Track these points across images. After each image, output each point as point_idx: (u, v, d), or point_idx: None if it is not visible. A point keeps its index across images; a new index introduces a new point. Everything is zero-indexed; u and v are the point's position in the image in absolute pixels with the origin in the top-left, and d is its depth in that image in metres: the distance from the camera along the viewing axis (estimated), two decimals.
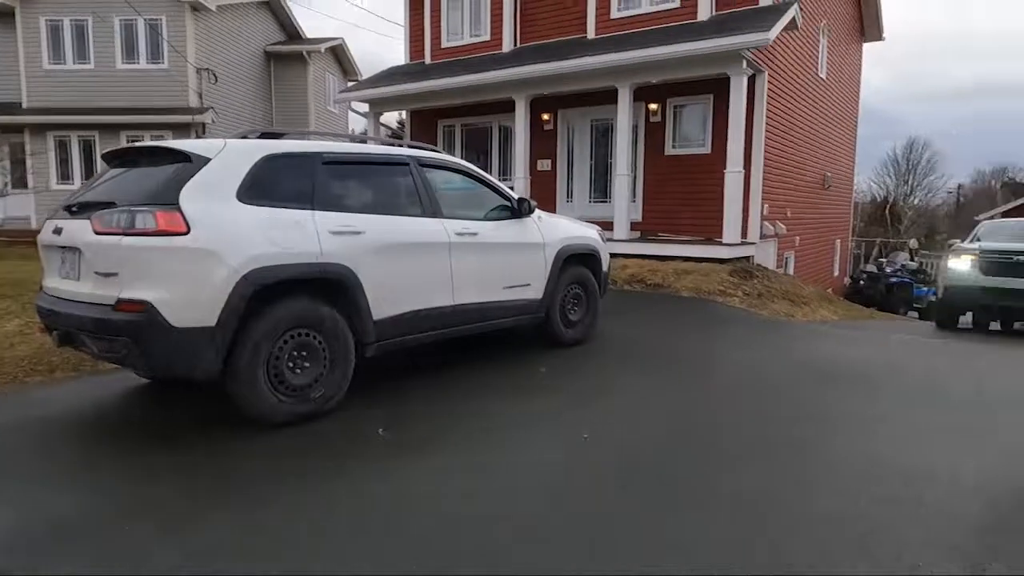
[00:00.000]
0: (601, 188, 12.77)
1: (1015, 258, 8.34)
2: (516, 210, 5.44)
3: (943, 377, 5.30)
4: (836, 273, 17.57)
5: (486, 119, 13.95)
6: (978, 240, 9.76)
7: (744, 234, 10.68)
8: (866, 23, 17.81)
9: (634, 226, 11.75)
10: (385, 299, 4.33)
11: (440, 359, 5.46)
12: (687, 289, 9.05)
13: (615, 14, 11.98)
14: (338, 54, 24.59)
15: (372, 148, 4.95)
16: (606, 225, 10.73)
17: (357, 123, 27.00)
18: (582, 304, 6.06)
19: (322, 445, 3.63)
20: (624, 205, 11.12)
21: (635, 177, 12.02)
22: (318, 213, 4.08)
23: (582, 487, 3.12)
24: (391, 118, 22.78)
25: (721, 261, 10.02)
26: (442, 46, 14.22)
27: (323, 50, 23.10)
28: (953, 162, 74.60)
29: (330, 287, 4.08)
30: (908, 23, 70.44)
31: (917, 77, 74.44)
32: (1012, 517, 2.79)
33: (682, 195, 11.63)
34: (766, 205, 11.42)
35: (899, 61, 75.01)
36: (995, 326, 9.81)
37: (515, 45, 13.35)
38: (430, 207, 4.76)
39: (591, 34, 12.20)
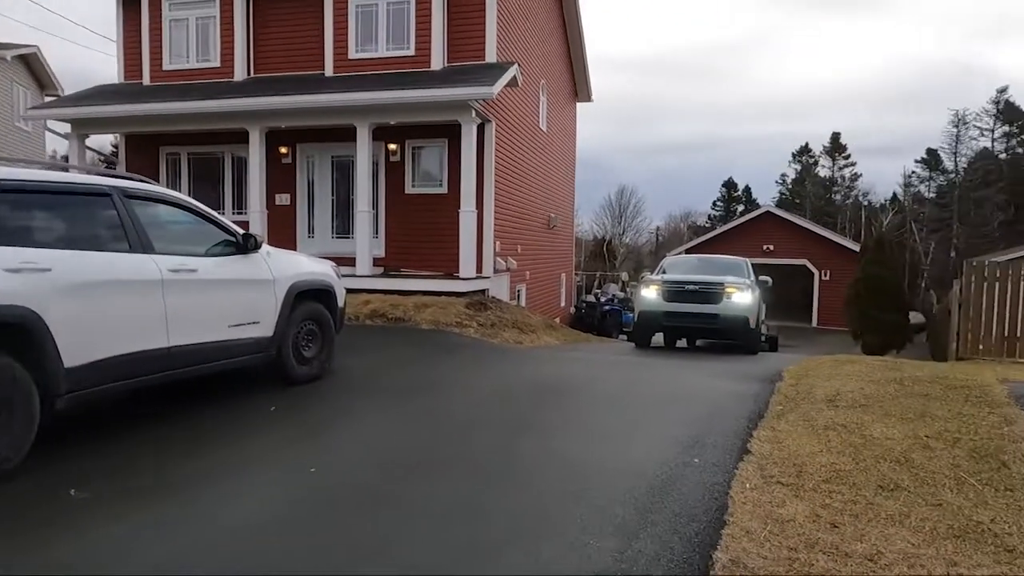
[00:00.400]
0: (344, 224, 12.78)
1: (687, 287, 9.86)
2: (242, 245, 5.28)
3: (629, 386, 6.32)
4: (563, 303, 19.66)
5: (217, 148, 13.14)
6: (663, 272, 11.45)
7: (479, 269, 11.51)
8: (578, 86, 20.55)
9: (377, 262, 11.96)
10: (81, 344, 3.90)
11: (161, 405, 5.02)
12: (427, 322, 9.47)
13: (353, 55, 12.23)
14: (32, 64, 21.17)
15: (67, 176, 4.45)
16: (349, 261, 10.80)
17: (59, 145, 23.35)
18: (317, 340, 6.04)
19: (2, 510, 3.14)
20: (366, 241, 11.28)
21: (377, 214, 12.28)
22: None
23: (301, 519, 3.14)
24: (101, 142, 20.17)
25: (459, 294, 10.66)
26: (164, 68, 13.12)
27: (9, 58, 19.76)
28: (654, 206, 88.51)
29: (8, 332, 3.57)
30: (618, 87, 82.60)
31: (628, 134, 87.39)
32: (663, 494, 3.48)
33: (422, 232, 12.16)
34: (498, 242, 12.47)
35: (618, 119, 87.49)
36: (683, 343, 11.86)
37: (248, 75, 12.87)
38: (139, 242, 4.41)
39: (329, 71, 12.28)
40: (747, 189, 66.37)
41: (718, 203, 66.27)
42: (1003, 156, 51.32)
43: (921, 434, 4.42)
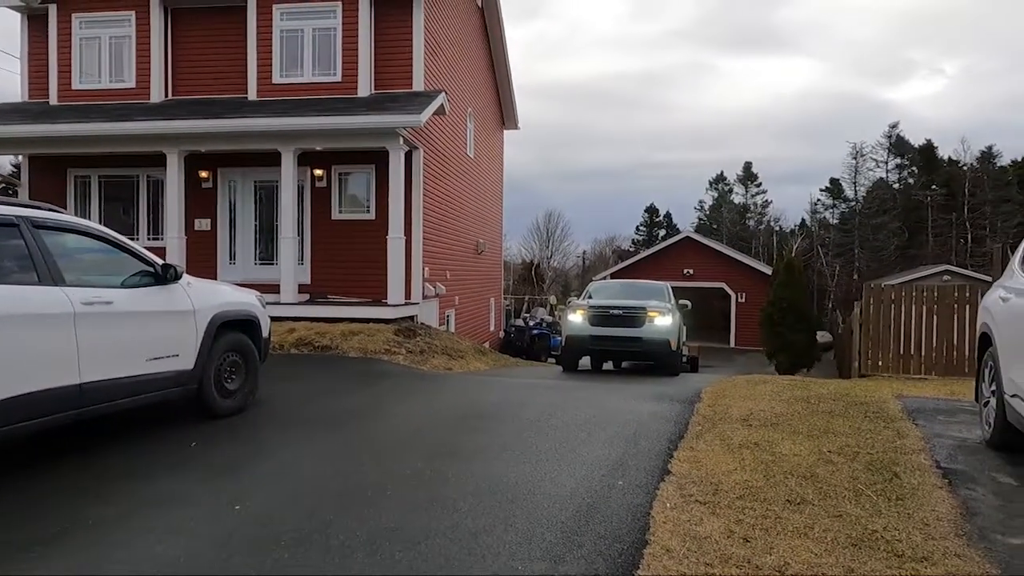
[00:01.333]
0: (268, 250, 12.50)
1: (612, 311, 10.24)
2: (160, 276, 5.12)
3: (556, 409, 6.45)
4: (492, 328, 19.79)
5: (131, 171, 12.63)
6: (589, 297, 11.81)
7: (408, 295, 11.48)
8: (505, 114, 20.95)
9: (303, 288, 11.74)
10: None
11: (73, 444, 4.76)
12: (354, 349, 9.36)
13: (277, 79, 12.09)
14: None
15: None
16: (274, 288, 10.57)
17: None
18: (240, 372, 5.88)
19: None
20: (291, 268, 11.07)
21: (303, 240, 12.08)
22: None
23: (223, 561, 3.07)
24: (1, 162, 18.96)
25: (387, 321, 10.60)
26: (73, 88, 12.56)
27: None
28: (580, 231, 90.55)
29: None
30: (545, 116, 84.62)
31: (554, 160, 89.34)
32: (589, 516, 3.60)
33: (350, 258, 12.04)
34: (427, 268, 12.49)
35: (545, 146, 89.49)
36: (609, 365, 12.19)
37: (166, 96, 12.49)
38: (48, 274, 4.22)
39: (252, 95, 12.08)
40: (668, 215, 69.01)
41: (641, 228, 68.53)
42: (896, 186, 55.63)
43: (825, 449, 4.75)
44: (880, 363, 10.90)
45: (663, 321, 10.11)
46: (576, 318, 10.45)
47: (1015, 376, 4.31)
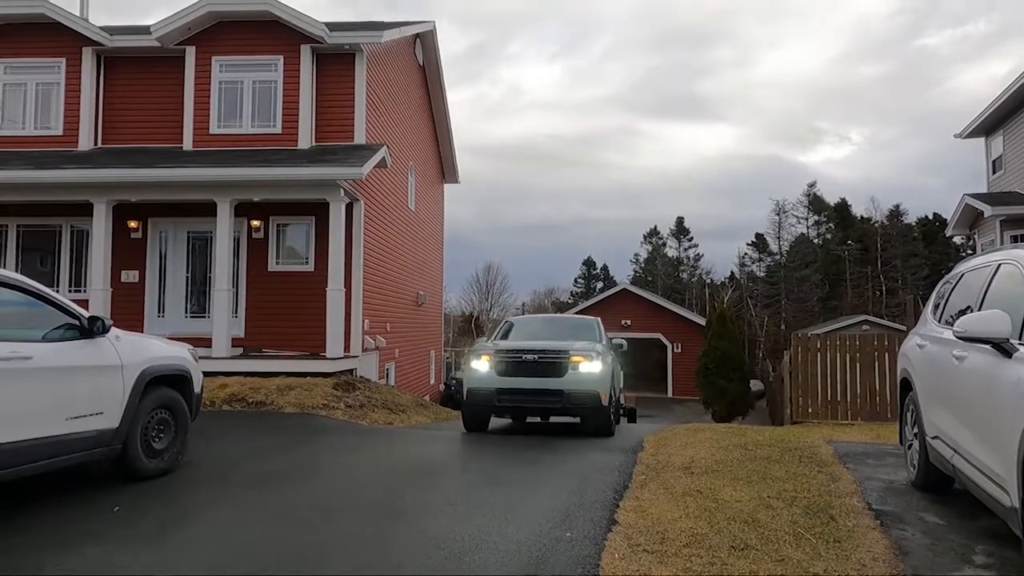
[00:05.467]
0: (199, 303, 12.08)
1: (524, 357, 7.87)
2: (87, 329, 4.86)
3: (499, 463, 6.38)
4: (432, 380, 19.53)
5: (54, 221, 12.09)
6: (503, 337, 9.47)
7: (347, 348, 11.25)
8: (445, 169, 21.25)
9: (236, 342, 11.35)
10: None
11: None
12: (291, 405, 9.04)
13: (215, 129, 11.94)
14: None
15: None
16: (205, 342, 10.17)
17: None
18: (169, 430, 5.58)
19: None
20: (224, 320, 10.71)
21: (238, 292, 11.75)
22: None
23: None
24: None
25: (325, 375, 10.32)
26: None
27: None
28: (519, 283, 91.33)
29: None
30: (484, 172, 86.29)
31: (493, 215, 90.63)
32: (538, 569, 3.54)
33: (287, 311, 11.76)
34: (367, 320, 12.31)
35: (484, 201, 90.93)
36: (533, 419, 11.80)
37: (95, 144, 12.13)
38: None
39: (188, 145, 11.87)
40: (605, 267, 70.64)
41: (579, 280, 69.80)
42: (816, 241, 58.92)
43: (764, 495, 4.85)
44: (810, 409, 11.33)
45: (591, 368, 7.79)
46: (480, 366, 8.01)
47: (935, 419, 4.56)
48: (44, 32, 12.08)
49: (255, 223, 11.96)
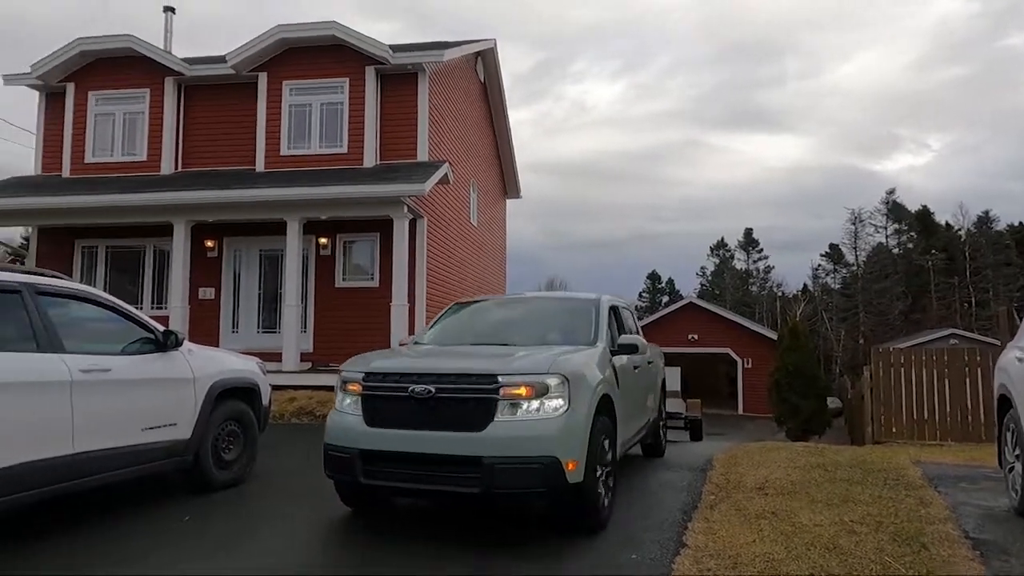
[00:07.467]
0: (270, 318, 12.47)
1: (410, 388, 4.14)
2: (161, 343, 5.05)
3: None
4: None
5: (138, 242, 12.77)
6: (436, 336, 5.74)
7: None
8: (508, 184, 21.33)
9: (305, 356, 11.63)
10: None
11: (60, 516, 4.57)
12: None
13: (285, 151, 12.37)
14: None
15: None
16: (275, 356, 10.47)
17: None
18: (239, 442, 5.73)
19: None
20: (294, 336, 11.01)
21: (306, 308, 12.06)
22: None
23: None
24: (9, 234, 19.22)
25: None
26: (85, 161, 12.86)
27: None
28: None
29: None
30: (549, 190, 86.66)
31: (558, 230, 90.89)
32: None
33: (353, 326, 11.97)
34: None
35: (547, 216, 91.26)
36: None
37: (176, 169, 12.77)
38: (48, 341, 4.16)
39: (260, 167, 12.34)
40: (670, 281, 69.38)
41: (644, 294, 68.76)
42: (896, 251, 56.04)
43: (846, 519, 4.53)
44: (894, 429, 10.65)
45: (546, 407, 4.07)
46: (343, 406, 4.63)
47: None
48: (131, 65, 12.85)
49: (323, 240, 12.29)
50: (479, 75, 17.23)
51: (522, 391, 4.06)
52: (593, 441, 4.18)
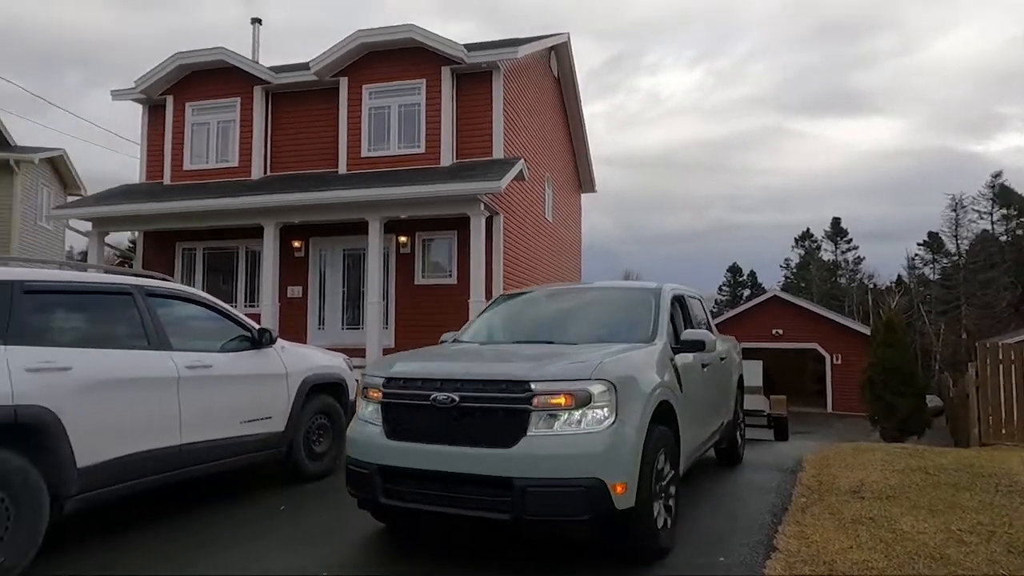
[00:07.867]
0: (354, 315, 12.90)
1: (433, 397, 3.68)
2: (256, 340, 5.33)
3: None
4: None
5: (232, 243, 13.48)
6: (482, 331, 5.47)
7: None
8: (582, 179, 21.18)
9: (387, 352, 11.96)
10: (95, 443, 3.88)
11: (165, 504, 4.91)
12: None
13: (365, 153, 12.75)
14: (58, 166, 22.13)
15: (90, 276, 4.56)
16: (359, 352, 10.83)
17: (77, 241, 24.02)
18: (328, 435, 5.97)
19: None
20: (376, 332, 11.34)
21: (387, 304, 12.40)
22: (12, 348, 3.62)
23: None
24: (118, 238, 20.71)
25: None
26: (184, 168, 13.69)
27: (37, 160, 20.64)
28: None
29: (24, 433, 3.56)
30: (625, 183, 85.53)
31: (634, 223, 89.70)
32: None
33: (432, 322, 12.18)
34: None
35: (622, 210, 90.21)
36: None
37: (264, 173, 13.39)
38: (157, 339, 4.47)
39: (342, 169, 12.77)
40: (752, 273, 66.99)
41: (724, 288, 66.75)
42: (1004, 238, 51.92)
43: (953, 527, 4.26)
44: (1004, 430, 9.88)
45: (588, 419, 3.52)
46: (365, 414, 4.16)
47: None
48: (223, 76, 13.57)
49: (402, 239, 12.60)
50: (552, 70, 17.17)
51: (560, 400, 3.48)
52: (647, 458, 3.58)
